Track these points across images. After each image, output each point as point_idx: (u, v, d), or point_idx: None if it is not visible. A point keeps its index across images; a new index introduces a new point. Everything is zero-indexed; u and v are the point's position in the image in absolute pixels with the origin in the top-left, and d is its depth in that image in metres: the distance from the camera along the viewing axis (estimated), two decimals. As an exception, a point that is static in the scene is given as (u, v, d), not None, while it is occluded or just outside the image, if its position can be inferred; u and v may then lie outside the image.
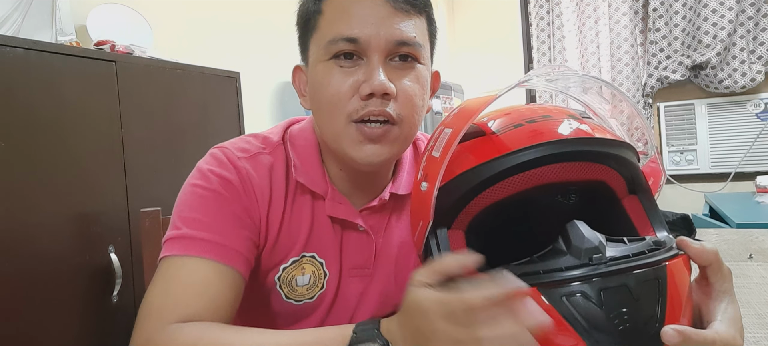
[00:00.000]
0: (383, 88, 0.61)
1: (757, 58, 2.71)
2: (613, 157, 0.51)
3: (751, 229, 1.25)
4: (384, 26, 0.61)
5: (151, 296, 0.60)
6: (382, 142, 0.64)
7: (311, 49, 0.67)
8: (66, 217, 1.19)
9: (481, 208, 0.50)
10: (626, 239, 0.47)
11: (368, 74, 0.62)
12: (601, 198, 0.53)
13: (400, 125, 0.64)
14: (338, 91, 0.62)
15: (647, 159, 0.58)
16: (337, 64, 0.63)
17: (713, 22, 2.70)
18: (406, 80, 0.64)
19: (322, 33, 0.64)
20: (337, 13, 0.63)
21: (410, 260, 0.77)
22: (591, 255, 0.43)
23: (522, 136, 0.49)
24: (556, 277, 0.43)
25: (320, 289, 0.72)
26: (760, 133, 2.76)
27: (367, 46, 0.62)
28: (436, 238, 0.51)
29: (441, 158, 0.49)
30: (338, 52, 0.62)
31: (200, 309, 0.58)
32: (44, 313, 1.13)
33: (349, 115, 0.63)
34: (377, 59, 0.62)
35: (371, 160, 0.65)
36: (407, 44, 0.63)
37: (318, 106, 0.66)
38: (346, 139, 0.64)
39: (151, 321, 0.57)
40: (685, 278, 0.45)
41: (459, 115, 0.51)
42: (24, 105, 1.12)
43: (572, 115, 0.53)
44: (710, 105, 2.86)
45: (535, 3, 3.26)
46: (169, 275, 0.61)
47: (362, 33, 0.61)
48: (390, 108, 0.63)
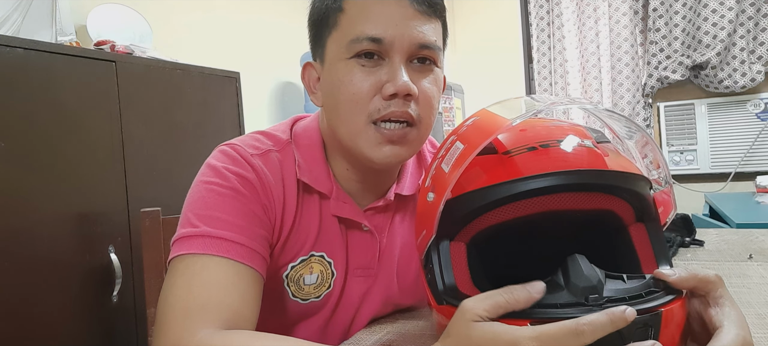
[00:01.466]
0: (407, 88, 0.61)
1: (757, 58, 2.71)
2: (625, 190, 0.50)
3: (751, 229, 1.25)
4: (408, 28, 0.62)
5: (172, 296, 0.57)
6: (401, 144, 0.64)
7: (329, 47, 0.66)
8: (66, 217, 1.19)
9: (486, 226, 0.50)
10: (626, 276, 0.46)
11: (392, 75, 0.62)
12: (607, 223, 0.53)
13: (418, 127, 0.65)
14: (360, 90, 0.62)
15: (660, 189, 0.58)
16: (358, 63, 0.63)
17: (713, 22, 2.70)
18: (425, 82, 0.64)
19: (344, 31, 0.63)
20: (361, 12, 0.62)
21: (412, 261, 0.78)
22: (588, 294, 0.42)
23: (535, 161, 0.49)
24: (550, 314, 0.42)
25: (327, 289, 0.72)
26: (760, 133, 2.76)
27: (390, 46, 0.62)
28: (439, 250, 0.51)
29: (451, 173, 0.49)
30: (361, 51, 0.62)
31: (226, 313, 0.56)
32: (44, 313, 1.13)
33: (369, 114, 0.63)
34: (399, 60, 0.62)
35: (389, 162, 0.65)
36: (428, 47, 0.63)
37: (335, 104, 0.65)
38: (365, 140, 0.64)
39: (178, 324, 0.55)
40: (679, 322, 0.45)
41: (474, 132, 0.51)
42: (24, 105, 1.12)
43: (588, 139, 0.52)
44: (710, 105, 2.86)
45: (535, 3, 3.26)
46: (190, 273, 0.58)
47: (386, 33, 0.61)
48: (411, 109, 0.63)
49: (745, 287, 0.80)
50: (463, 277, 0.50)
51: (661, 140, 2.98)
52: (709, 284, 0.45)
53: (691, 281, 0.45)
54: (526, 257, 0.49)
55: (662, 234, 0.53)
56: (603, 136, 0.55)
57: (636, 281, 0.46)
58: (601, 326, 0.39)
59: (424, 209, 0.53)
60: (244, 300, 0.58)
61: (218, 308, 0.56)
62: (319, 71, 0.70)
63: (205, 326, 0.54)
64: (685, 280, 0.45)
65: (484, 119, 0.52)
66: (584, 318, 0.39)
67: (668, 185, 0.57)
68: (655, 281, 0.46)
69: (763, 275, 0.86)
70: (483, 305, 0.42)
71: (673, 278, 0.45)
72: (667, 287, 0.46)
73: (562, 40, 3.18)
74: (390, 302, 0.78)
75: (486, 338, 0.41)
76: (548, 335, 0.39)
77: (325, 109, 0.69)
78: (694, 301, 0.47)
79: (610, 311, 0.39)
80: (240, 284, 0.59)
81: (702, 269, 0.47)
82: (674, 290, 0.46)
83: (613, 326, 0.39)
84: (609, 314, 0.39)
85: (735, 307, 0.45)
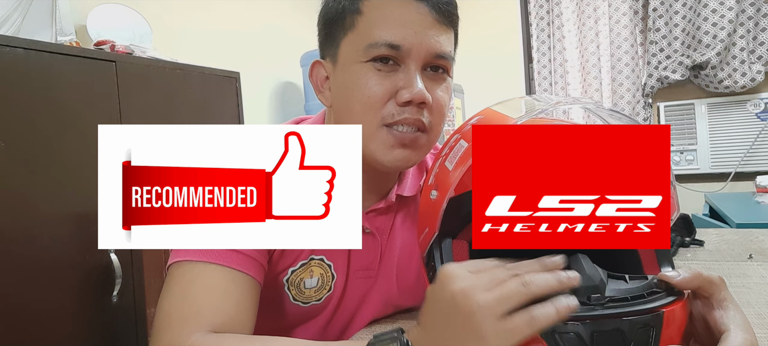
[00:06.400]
0: (422, 96, 0.61)
1: (757, 58, 2.71)
2: None
3: (751, 229, 1.25)
4: (426, 36, 0.62)
5: (168, 303, 0.58)
6: (412, 148, 0.65)
7: (343, 48, 0.66)
8: (66, 217, 1.19)
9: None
10: (628, 276, 0.46)
11: (408, 82, 0.62)
12: None
13: (429, 133, 0.65)
14: (375, 94, 0.62)
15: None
16: (374, 67, 0.63)
17: (713, 22, 2.70)
18: (439, 90, 0.65)
19: (361, 34, 0.63)
20: (380, 16, 0.62)
21: (412, 262, 0.77)
22: (590, 294, 0.43)
23: None
24: None
25: (327, 291, 0.72)
26: (760, 133, 2.76)
27: (407, 54, 0.62)
28: (441, 247, 0.51)
29: (454, 171, 0.49)
30: (378, 56, 0.62)
31: (221, 318, 0.56)
32: (44, 313, 1.13)
33: (382, 118, 0.63)
34: (415, 67, 0.62)
35: (399, 165, 0.65)
36: (443, 57, 0.64)
37: (347, 106, 0.65)
38: (377, 143, 0.64)
39: (173, 330, 0.55)
40: (681, 323, 0.45)
41: None
42: (24, 105, 1.12)
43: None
44: (710, 105, 2.86)
45: (535, 3, 3.26)
46: (185, 281, 0.59)
47: (405, 41, 0.61)
48: (424, 117, 0.63)
49: (745, 287, 0.80)
50: None
51: (661, 140, 2.97)
52: (712, 285, 0.45)
53: (695, 281, 0.45)
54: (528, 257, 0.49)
55: None
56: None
57: (638, 282, 0.46)
58: (544, 279, 0.41)
59: (427, 206, 0.53)
60: (240, 307, 0.59)
61: (213, 313, 0.56)
62: (329, 71, 0.69)
63: (199, 331, 0.54)
64: (689, 281, 0.45)
65: (488, 118, 0.52)
66: (528, 275, 0.41)
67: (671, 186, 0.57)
68: (657, 281, 0.46)
69: (763, 275, 0.86)
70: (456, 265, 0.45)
71: (677, 280, 0.45)
72: (669, 288, 0.46)
73: (562, 40, 3.18)
74: (390, 304, 0.78)
75: (440, 278, 0.43)
76: (500, 291, 0.41)
77: (335, 110, 0.69)
78: (697, 303, 0.47)
79: (544, 258, 0.43)
80: (235, 291, 0.59)
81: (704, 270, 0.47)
82: (676, 291, 0.46)
83: (557, 280, 0.41)
84: (543, 263, 0.43)
85: (739, 310, 0.45)
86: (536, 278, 0.41)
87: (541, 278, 0.41)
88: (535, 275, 0.41)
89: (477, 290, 0.40)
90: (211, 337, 0.54)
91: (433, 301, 0.44)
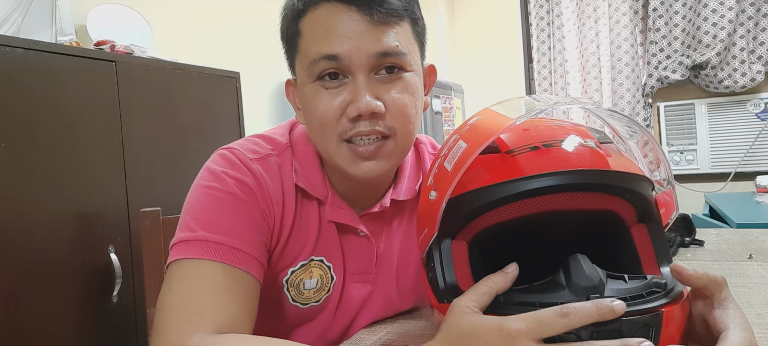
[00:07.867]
0: (370, 109, 0.60)
1: (757, 58, 2.71)
2: (628, 191, 0.50)
3: (751, 229, 1.25)
4: (364, 40, 0.60)
5: (169, 301, 0.58)
6: (377, 158, 0.63)
7: (297, 70, 0.66)
8: (66, 217, 1.19)
9: (488, 225, 0.50)
10: (627, 276, 0.46)
11: (354, 95, 0.60)
12: (609, 224, 0.53)
13: (394, 138, 0.63)
14: (326, 113, 0.62)
15: (662, 190, 0.58)
16: (322, 86, 0.62)
17: (713, 22, 2.70)
18: (394, 92, 0.62)
19: (304, 54, 0.63)
20: (315, 32, 0.62)
21: (411, 266, 0.77)
22: (589, 294, 0.43)
23: (537, 161, 0.49)
24: None
25: (327, 293, 0.72)
26: (760, 133, 2.77)
27: (349, 62, 0.60)
28: (440, 248, 0.51)
29: (453, 173, 0.49)
30: (321, 72, 0.61)
31: (223, 317, 0.56)
32: (44, 313, 1.13)
33: (340, 135, 0.62)
34: (362, 77, 0.60)
35: (370, 176, 0.64)
36: (390, 55, 0.61)
37: (310, 126, 0.66)
38: (341, 159, 0.64)
39: (174, 329, 0.55)
40: (680, 323, 0.45)
41: (477, 131, 0.51)
42: (24, 105, 1.12)
43: (591, 139, 0.52)
44: (710, 105, 2.86)
45: (535, 3, 3.26)
46: (187, 278, 0.59)
47: (342, 49, 0.59)
48: (380, 126, 0.62)
49: (745, 287, 0.80)
50: (464, 276, 0.50)
51: (661, 140, 2.98)
52: (715, 285, 0.46)
53: (703, 279, 0.46)
54: (527, 257, 0.49)
55: (664, 235, 0.53)
56: (605, 137, 0.55)
57: (637, 282, 0.46)
58: (586, 312, 0.41)
59: (426, 207, 0.53)
60: (241, 305, 0.59)
61: (214, 312, 0.56)
62: (294, 92, 0.70)
63: (200, 331, 0.54)
64: (698, 278, 0.46)
65: (487, 118, 0.52)
66: (571, 304, 0.41)
67: (670, 186, 0.57)
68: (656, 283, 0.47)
69: (763, 275, 0.86)
70: (469, 298, 0.46)
71: (688, 273, 0.46)
72: (667, 288, 0.46)
73: (562, 40, 3.18)
74: (390, 308, 0.78)
75: (475, 327, 0.44)
76: (534, 317, 0.42)
77: (307, 129, 0.70)
78: (697, 302, 0.47)
79: (598, 301, 0.41)
80: (236, 290, 0.59)
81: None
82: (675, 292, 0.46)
83: (600, 314, 0.41)
84: (596, 304, 0.41)
85: (739, 309, 0.45)
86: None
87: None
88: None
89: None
90: (213, 338, 0.54)
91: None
